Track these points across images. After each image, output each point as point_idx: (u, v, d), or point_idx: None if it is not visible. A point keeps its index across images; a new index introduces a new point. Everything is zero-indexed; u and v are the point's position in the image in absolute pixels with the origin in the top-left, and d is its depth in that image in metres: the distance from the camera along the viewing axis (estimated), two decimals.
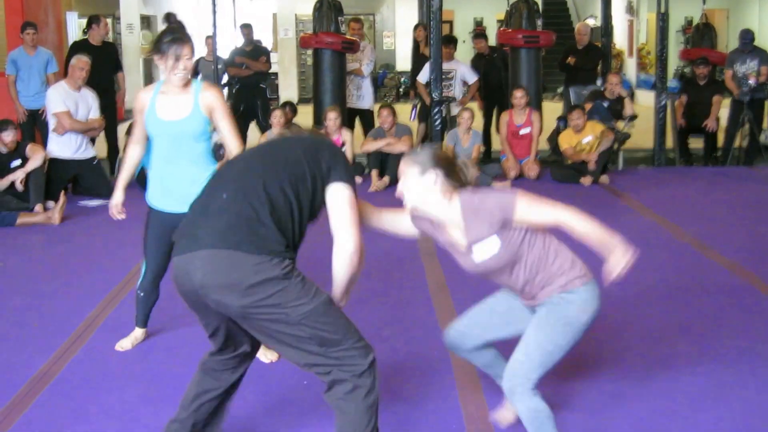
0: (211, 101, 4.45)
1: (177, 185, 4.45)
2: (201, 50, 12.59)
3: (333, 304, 3.16)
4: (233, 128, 4.53)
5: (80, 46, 10.44)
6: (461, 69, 11.50)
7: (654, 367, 4.49)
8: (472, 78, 11.48)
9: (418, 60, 12.20)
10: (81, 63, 9.21)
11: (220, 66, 11.63)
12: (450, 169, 3.34)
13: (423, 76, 11.27)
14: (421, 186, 3.34)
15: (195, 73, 11.99)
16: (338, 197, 3.23)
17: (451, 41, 11.65)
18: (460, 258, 3.47)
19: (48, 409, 4.14)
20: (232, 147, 4.50)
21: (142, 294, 4.81)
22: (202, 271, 3.03)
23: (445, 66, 11.06)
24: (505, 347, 3.66)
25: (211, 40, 12.31)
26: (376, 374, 3.16)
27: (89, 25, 10.56)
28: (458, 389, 4.25)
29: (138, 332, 4.94)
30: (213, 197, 3.19)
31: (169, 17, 3.27)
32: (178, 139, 4.44)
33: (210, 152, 4.54)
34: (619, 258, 3.24)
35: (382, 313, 5.43)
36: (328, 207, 3.24)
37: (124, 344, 4.87)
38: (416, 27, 12.87)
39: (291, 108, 10.82)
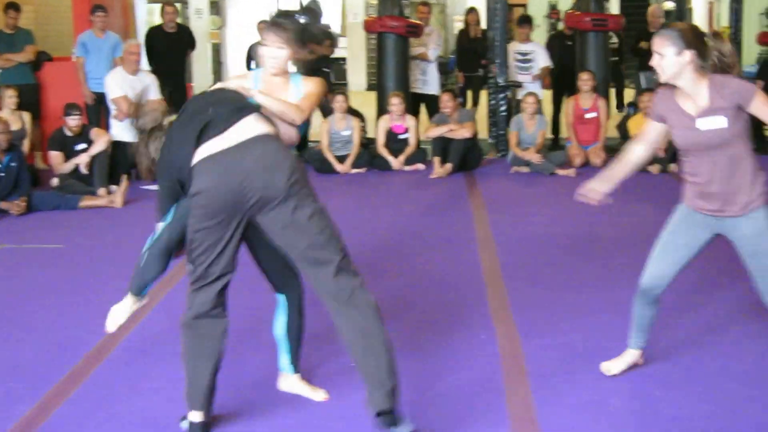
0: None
1: None
2: (256, 36, 12.61)
3: None
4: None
5: (154, 33, 10.99)
6: (539, 51, 11.32)
7: (706, 355, 4.41)
8: (545, 61, 11.29)
9: (471, 42, 12.04)
10: (132, 48, 9.38)
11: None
12: (702, 50, 3.72)
13: None
14: (677, 64, 3.71)
15: (249, 59, 12.10)
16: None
17: (526, 21, 11.48)
18: (683, 129, 3.78)
19: (102, 383, 4.26)
20: None
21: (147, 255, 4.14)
22: (255, 154, 3.35)
23: (525, 47, 10.97)
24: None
25: (263, 24, 12.35)
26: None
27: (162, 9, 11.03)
28: (504, 375, 4.18)
29: (130, 300, 4.29)
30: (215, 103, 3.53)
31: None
32: None
33: None
34: None
35: (435, 294, 5.41)
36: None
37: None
38: (470, 10, 12.71)
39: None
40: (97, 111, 10.05)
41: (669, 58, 3.71)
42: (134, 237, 7.08)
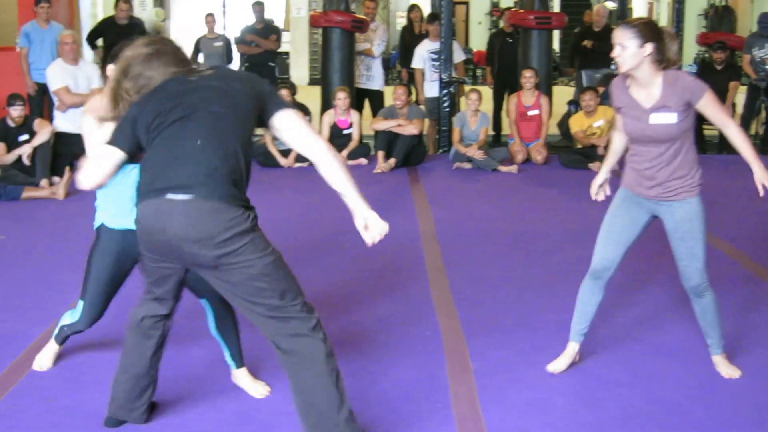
0: None
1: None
2: (202, 29, 12.56)
3: (284, 260, 3.30)
4: None
5: (105, 24, 11.20)
6: (453, 48, 11.30)
7: (647, 354, 4.48)
8: (459, 57, 11.36)
9: (415, 39, 11.95)
10: (65, 38, 9.33)
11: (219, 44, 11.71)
12: (660, 44, 3.87)
13: (419, 62, 11.17)
14: (638, 56, 3.87)
15: (196, 52, 12.03)
16: (294, 119, 3.41)
17: (436, 18, 11.23)
18: (633, 120, 3.97)
19: (43, 376, 4.22)
20: None
21: (70, 334, 4.26)
22: (180, 224, 3.13)
23: (437, 45, 10.92)
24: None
25: (211, 17, 12.30)
26: (324, 331, 3.32)
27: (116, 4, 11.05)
28: (448, 373, 4.25)
29: (56, 347, 4.37)
30: (182, 144, 3.21)
31: None
32: None
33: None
34: (762, 173, 4.00)
35: (379, 290, 5.44)
36: (286, 130, 3.40)
37: (44, 363, 4.32)
38: (412, 7, 12.75)
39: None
40: (40, 102, 9.96)
41: (630, 50, 3.85)
42: (76, 229, 7.05)
